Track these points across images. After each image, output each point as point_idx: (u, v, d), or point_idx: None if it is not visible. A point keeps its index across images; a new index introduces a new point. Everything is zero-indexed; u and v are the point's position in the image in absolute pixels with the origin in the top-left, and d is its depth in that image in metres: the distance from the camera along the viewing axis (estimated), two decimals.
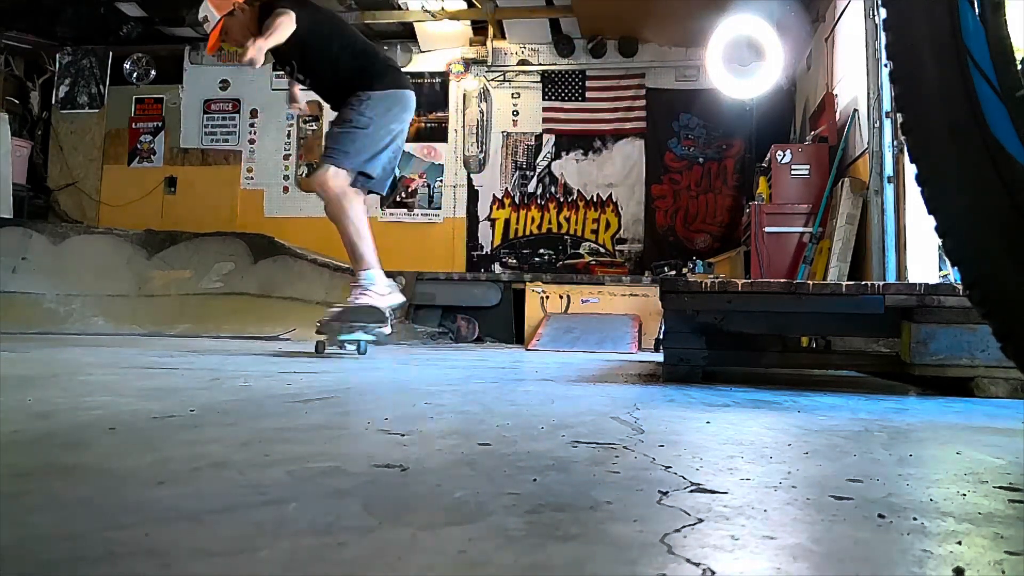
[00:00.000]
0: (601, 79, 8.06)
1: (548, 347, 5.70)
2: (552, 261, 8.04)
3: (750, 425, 1.54)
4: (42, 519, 0.72)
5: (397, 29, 8.19)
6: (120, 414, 1.44)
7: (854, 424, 1.59)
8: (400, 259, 7.39)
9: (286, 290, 6.30)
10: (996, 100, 1.01)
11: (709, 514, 0.78)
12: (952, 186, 1.09)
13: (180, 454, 1.07)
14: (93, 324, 5.90)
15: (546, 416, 1.58)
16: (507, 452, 1.13)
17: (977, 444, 1.37)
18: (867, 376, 3.11)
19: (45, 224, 7.51)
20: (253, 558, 0.62)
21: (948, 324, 2.36)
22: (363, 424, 1.38)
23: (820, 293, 2.56)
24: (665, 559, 0.63)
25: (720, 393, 2.20)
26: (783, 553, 0.67)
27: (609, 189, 8.02)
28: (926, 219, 1.16)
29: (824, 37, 6.17)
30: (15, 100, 8.60)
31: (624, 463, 1.06)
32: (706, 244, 7.76)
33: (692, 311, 2.61)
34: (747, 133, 7.76)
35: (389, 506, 0.81)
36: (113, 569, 0.59)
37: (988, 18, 1.02)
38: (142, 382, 2.12)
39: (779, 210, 5.63)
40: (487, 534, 0.69)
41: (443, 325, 6.61)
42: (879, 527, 0.76)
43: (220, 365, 2.81)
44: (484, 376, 2.71)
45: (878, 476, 1.02)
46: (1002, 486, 0.98)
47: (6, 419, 1.34)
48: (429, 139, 8.33)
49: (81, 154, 8.74)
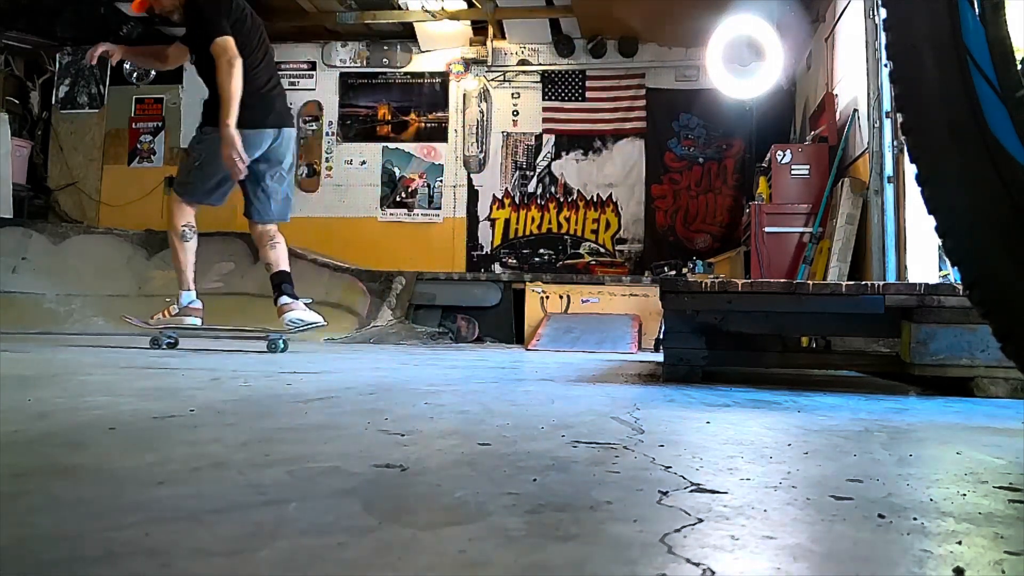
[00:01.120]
0: (601, 79, 8.06)
1: (548, 347, 5.70)
2: (552, 261, 8.04)
3: (750, 425, 1.54)
4: (42, 519, 0.72)
5: (397, 29, 8.19)
6: (120, 414, 1.44)
7: (854, 424, 1.58)
8: (400, 259, 7.40)
9: None
10: (996, 100, 1.01)
11: (709, 514, 0.78)
12: (952, 186, 1.09)
13: (180, 454, 1.07)
14: (93, 324, 5.90)
15: (546, 416, 1.58)
16: (507, 452, 1.13)
17: (977, 444, 1.37)
18: (867, 376, 3.11)
19: (45, 224, 7.51)
20: (253, 558, 0.62)
21: (948, 324, 2.36)
22: (363, 424, 1.38)
23: (820, 293, 2.56)
24: (665, 559, 0.63)
25: (720, 393, 2.20)
26: (783, 553, 0.67)
27: (609, 189, 8.02)
28: (926, 219, 1.16)
29: (824, 37, 6.17)
30: (15, 100, 8.59)
31: (624, 463, 1.06)
32: (706, 244, 7.76)
33: (692, 311, 2.61)
34: (747, 133, 7.76)
35: (389, 506, 0.81)
36: (113, 569, 0.59)
37: (988, 18, 1.02)
38: (142, 382, 2.12)
39: (779, 210, 5.63)
40: (487, 534, 0.69)
41: (443, 325, 6.61)
42: (879, 527, 0.76)
43: (220, 365, 2.81)
44: (484, 376, 2.71)
45: (878, 476, 1.02)
46: (1002, 486, 0.98)
47: (6, 419, 1.34)
48: (429, 139, 8.33)
49: (81, 154, 8.74)
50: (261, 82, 3.92)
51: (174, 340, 3.93)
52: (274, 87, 4.02)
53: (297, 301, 3.89)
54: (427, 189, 8.29)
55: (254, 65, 3.88)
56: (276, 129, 3.94)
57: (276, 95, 4.03)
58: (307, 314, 3.89)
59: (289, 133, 4.04)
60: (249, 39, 3.89)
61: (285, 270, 3.98)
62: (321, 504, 0.80)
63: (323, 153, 8.44)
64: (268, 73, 3.99)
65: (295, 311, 3.85)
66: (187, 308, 3.87)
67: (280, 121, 3.99)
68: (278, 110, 4.00)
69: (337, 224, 8.19)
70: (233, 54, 3.69)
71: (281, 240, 4.04)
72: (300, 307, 3.88)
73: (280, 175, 4.05)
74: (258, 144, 3.88)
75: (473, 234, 8.18)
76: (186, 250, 3.89)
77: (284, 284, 3.93)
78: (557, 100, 8.14)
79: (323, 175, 8.41)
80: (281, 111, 4.03)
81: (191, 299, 3.89)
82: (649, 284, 6.61)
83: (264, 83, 3.95)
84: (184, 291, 3.88)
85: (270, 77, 4.00)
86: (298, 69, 8.51)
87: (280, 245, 4.02)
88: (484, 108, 8.25)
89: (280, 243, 4.03)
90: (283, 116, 4.04)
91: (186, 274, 3.90)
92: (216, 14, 3.73)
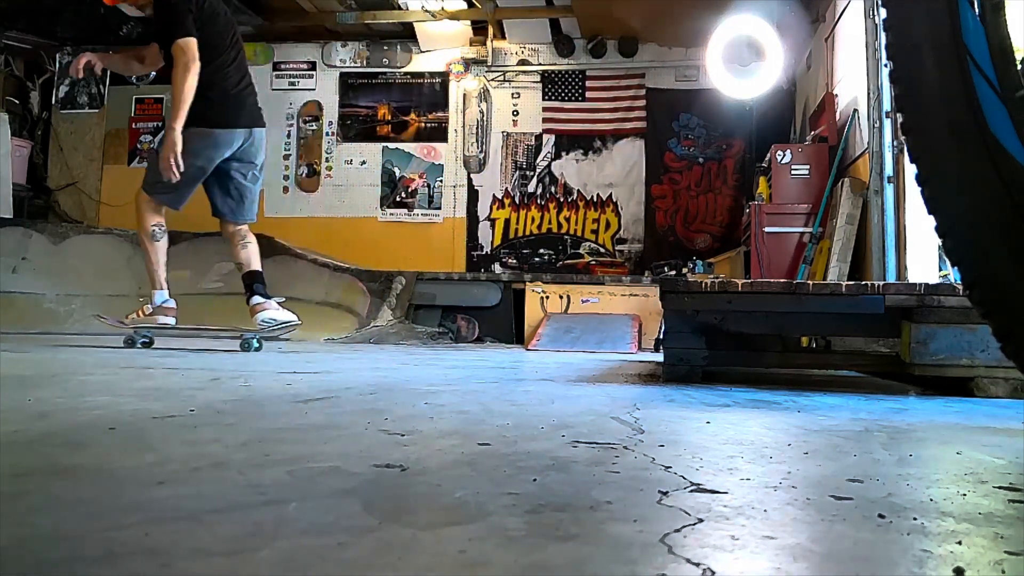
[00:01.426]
0: (601, 79, 8.06)
1: (548, 347, 5.70)
2: (552, 261, 8.04)
3: (750, 425, 1.54)
4: (42, 519, 0.72)
5: (397, 29, 8.19)
6: (120, 414, 1.44)
7: (854, 424, 1.58)
8: (400, 259, 7.40)
9: (286, 290, 6.26)
10: (996, 100, 1.01)
11: (709, 514, 0.78)
12: (952, 186, 1.09)
13: (180, 454, 1.07)
14: (93, 324, 5.89)
15: (546, 416, 1.58)
16: (507, 452, 1.13)
17: (977, 444, 1.37)
18: (867, 376, 3.11)
19: (45, 224, 7.50)
20: (253, 558, 0.62)
21: (948, 324, 2.36)
22: (363, 424, 1.38)
23: (820, 293, 2.56)
24: (665, 559, 0.63)
25: (720, 393, 2.20)
26: (783, 553, 0.67)
27: (609, 189, 8.02)
28: (926, 219, 1.16)
29: (824, 37, 6.17)
30: (15, 100, 8.59)
31: (624, 463, 1.06)
32: (706, 244, 7.76)
33: (692, 311, 2.61)
34: (747, 133, 7.76)
35: (389, 506, 0.81)
36: (113, 569, 0.59)
37: (988, 18, 1.03)
38: (142, 382, 2.12)
39: (779, 210, 5.63)
40: (487, 534, 0.69)
41: (443, 325, 6.61)
42: (879, 527, 0.76)
43: (220, 365, 2.81)
44: (484, 376, 2.71)
45: (878, 476, 1.02)
46: (1002, 486, 0.98)
47: (6, 419, 1.34)
48: (429, 139, 8.33)
49: (81, 154, 8.74)
50: (232, 82, 3.92)
51: (149, 339, 3.94)
52: (245, 87, 4.00)
53: (270, 300, 3.89)
54: (427, 189, 8.29)
55: (225, 64, 3.88)
56: (247, 129, 3.94)
57: (247, 95, 4.01)
58: (280, 313, 3.88)
59: (260, 133, 4.03)
60: (221, 38, 3.89)
61: (257, 269, 3.99)
62: (321, 504, 0.80)
63: (323, 153, 8.44)
64: (239, 73, 3.98)
65: (268, 311, 3.85)
66: (161, 307, 3.88)
67: (251, 121, 3.98)
68: (249, 110, 3.99)
69: (337, 224, 8.19)
70: (191, 57, 3.68)
71: (252, 240, 4.04)
72: (273, 306, 3.88)
73: (253, 175, 4.05)
74: (229, 144, 3.88)
75: (473, 234, 8.18)
76: (157, 250, 3.90)
77: (256, 284, 3.93)
78: (557, 100, 8.14)
79: (323, 175, 8.41)
80: (252, 111, 4.02)
81: (164, 298, 3.89)
82: (649, 284, 6.61)
83: (235, 83, 3.94)
84: (157, 291, 3.89)
85: (242, 77, 3.99)
86: (298, 69, 8.52)
87: (251, 245, 4.02)
88: (484, 108, 8.25)
89: (251, 243, 4.03)
90: (254, 116, 4.03)
91: (158, 273, 3.90)
92: (183, 12, 3.72)
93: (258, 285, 3.93)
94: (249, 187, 4.05)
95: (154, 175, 3.90)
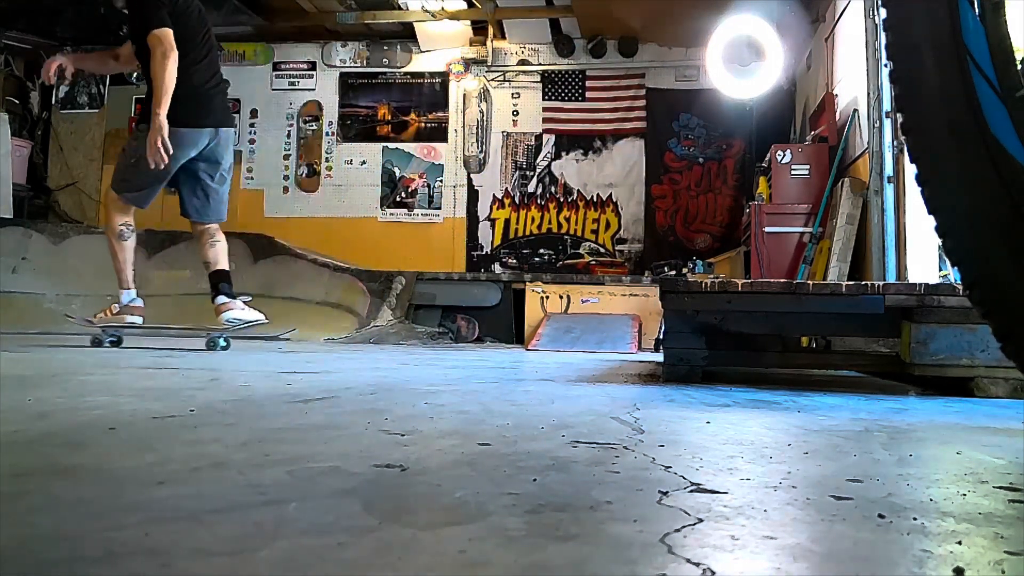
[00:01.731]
0: (601, 79, 8.06)
1: (548, 347, 5.70)
2: (552, 261, 8.04)
3: (750, 425, 1.54)
4: (42, 519, 0.72)
5: (397, 29, 8.19)
6: (120, 414, 1.44)
7: (854, 424, 1.58)
8: (400, 259, 7.40)
9: (286, 290, 6.30)
10: (996, 100, 1.01)
11: (709, 514, 0.78)
12: (952, 186, 1.09)
13: (180, 454, 1.07)
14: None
15: (546, 416, 1.58)
16: (507, 452, 1.13)
17: (977, 444, 1.37)
18: (867, 376, 3.11)
19: (45, 224, 7.51)
20: (253, 558, 0.62)
21: (948, 324, 2.36)
22: (363, 424, 1.38)
23: (820, 293, 2.56)
24: (665, 559, 0.63)
25: (720, 393, 2.20)
26: (783, 553, 0.67)
27: (609, 189, 8.02)
28: (926, 219, 1.16)
29: (824, 37, 6.17)
30: (15, 100, 8.59)
31: (624, 463, 1.06)
32: (706, 244, 7.76)
33: (692, 311, 2.61)
34: (747, 133, 7.76)
35: (389, 506, 0.81)
36: (113, 569, 0.59)
37: (988, 18, 1.03)
38: (142, 382, 2.12)
39: (779, 210, 5.63)
40: (487, 534, 0.69)
41: (443, 325, 6.61)
42: (879, 527, 0.76)
43: (220, 365, 2.81)
44: (484, 376, 2.71)
45: (878, 476, 1.02)
46: (1002, 486, 0.98)
47: (6, 419, 1.34)
48: (429, 139, 8.33)
49: (81, 154, 8.74)
50: (201, 79, 3.90)
51: (117, 339, 3.93)
52: (214, 86, 3.98)
53: (235, 300, 3.89)
54: (427, 189, 8.29)
55: (196, 61, 3.86)
56: (214, 129, 3.91)
57: (216, 94, 3.99)
58: (246, 313, 3.88)
59: (227, 133, 4.00)
60: (193, 35, 3.87)
61: (224, 269, 3.98)
62: (321, 504, 0.80)
63: (323, 153, 8.44)
64: (210, 71, 3.96)
65: (232, 310, 3.85)
66: (128, 307, 3.88)
67: (218, 121, 3.95)
68: (216, 109, 3.96)
69: (337, 224, 8.20)
70: (168, 46, 3.66)
71: (221, 239, 4.04)
72: (238, 306, 3.88)
73: (220, 176, 4.03)
74: (194, 143, 3.86)
75: (473, 234, 8.18)
76: (124, 249, 3.90)
77: (222, 284, 3.93)
78: (557, 100, 8.14)
79: (323, 175, 8.41)
80: (220, 111, 3.99)
81: (132, 297, 3.90)
82: (649, 284, 6.61)
83: (204, 81, 3.91)
84: (124, 290, 3.89)
85: (212, 75, 3.96)
86: (298, 69, 8.52)
87: (220, 244, 4.02)
88: (484, 108, 8.25)
89: (220, 242, 4.02)
90: (222, 116, 4.00)
91: (126, 273, 3.90)
92: (156, 5, 3.71)
93: (223, 284, 3.93)
94: (216, 188, 4.03)
95: (122, 174, 3.89)
